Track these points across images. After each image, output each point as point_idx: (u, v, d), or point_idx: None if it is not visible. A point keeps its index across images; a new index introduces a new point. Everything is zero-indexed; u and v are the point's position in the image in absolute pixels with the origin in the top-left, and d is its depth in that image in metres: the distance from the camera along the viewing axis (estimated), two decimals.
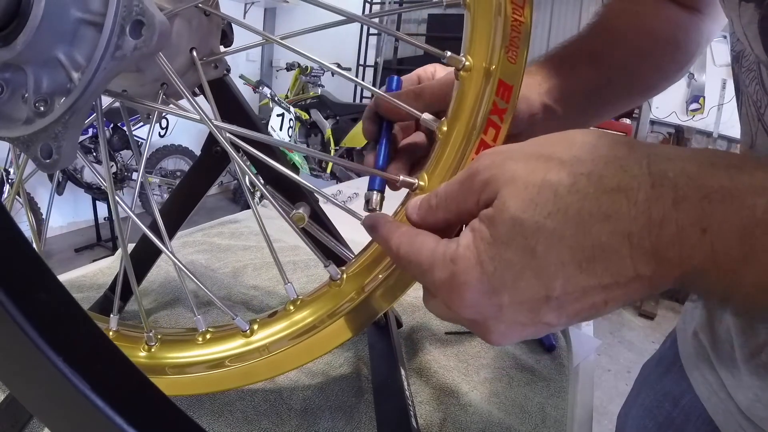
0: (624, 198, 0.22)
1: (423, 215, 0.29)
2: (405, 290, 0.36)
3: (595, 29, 0.49)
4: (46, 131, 0.27)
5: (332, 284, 0.39)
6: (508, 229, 0.23)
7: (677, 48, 0.50)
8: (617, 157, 0.23)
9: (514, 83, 0.33)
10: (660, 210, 0.21)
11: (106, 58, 0.26)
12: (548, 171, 0.23)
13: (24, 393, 0.17)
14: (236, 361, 0.40)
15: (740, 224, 0.20)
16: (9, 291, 0.14)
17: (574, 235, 0.22)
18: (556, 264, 0.23)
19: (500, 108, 0.33)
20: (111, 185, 0.36)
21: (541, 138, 0.26)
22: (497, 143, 0.33)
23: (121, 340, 0.43)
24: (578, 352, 0.64)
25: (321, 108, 3.79)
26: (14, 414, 0.42)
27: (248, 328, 0.41)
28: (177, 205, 0.51)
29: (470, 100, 0.34)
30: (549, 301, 0.23)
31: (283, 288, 0.41)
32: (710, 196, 0.20)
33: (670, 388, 0.52)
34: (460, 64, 0.34)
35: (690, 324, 0.51)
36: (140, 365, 0.40)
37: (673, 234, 0.21)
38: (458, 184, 0.27)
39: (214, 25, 0.39)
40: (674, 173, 0.21)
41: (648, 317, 2.93)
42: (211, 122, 0.34)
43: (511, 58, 0.33)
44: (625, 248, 0.22)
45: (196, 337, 0.42)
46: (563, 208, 0.22)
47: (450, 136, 0.35)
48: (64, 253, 3.12)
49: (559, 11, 3.79)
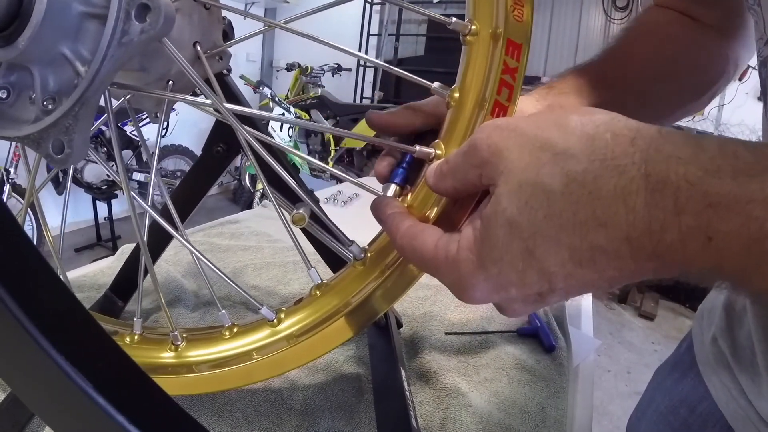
0: (621, 204, 0.21)
1: (436, 182, 0.30)
2: (404, 291, 0.37)
3: (612, 53, 0.48)
4: (57, 126, 0.27)
5: (356, 264, 0.39)
6: (506, 232, 0.24)
7: (698, 72, 0.48)
8: (614, 155, 0.22)
9: (522, 41, 0.33)
10: (660, 217, 0.20)
11: (113, 45, 0.26)
12: (542, 167, 0.23)
13: (26, 391, 0.17)
14: (262, 352, 0.40)
15: (748, 236, 0.19)
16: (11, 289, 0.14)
17: (570, 238, 0.22)
18: (556, 263, 0.23)
19: (511, 67, 0.33)
20: (125, 179, 0.36)
21: (541, 119, 0.25)
22: (511, 103, 0.33)
23: (146, 343, 0.43)
24: (578, 352, 0.64)
25: (321, 108, 3.79)
26: (15, 414, 0.42)
27: (275, 317, 0.41)
28: (178, 205, 0.51)
29: (480, 63, 0.34)
30: (554, 291, 0.25)
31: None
32: (716, 205, 0.19)
33: (686, 394, 0.52)
34: (466, 29, 0.34)
35: (708, 329, 0.50)
36: (167, 366, 0.40)
37: (676, 240, 0.20)
38: (462, 155, 0.28)
39: (215, 18, 0.39)
40: (676, 176, 0.20)
41: (648, 318, 2.93)
42: (224, 105, 0.34)
43: (518, 17, 0.32)
44: (625, 249, 0.22)
45: (223, 332, 0.42)
46: (557, 212, 0.22)
47: (463, 102, 0.35)
48: (64, 253, 3.09)
49: (558, 11, 3.79)
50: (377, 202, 0.33)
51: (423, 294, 0.71)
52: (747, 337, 0.43)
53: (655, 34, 0.49)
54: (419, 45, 4.44)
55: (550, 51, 3.83)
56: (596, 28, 3.71)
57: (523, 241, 0.23)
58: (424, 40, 4.42)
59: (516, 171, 0.24)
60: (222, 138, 0.47)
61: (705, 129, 3.35)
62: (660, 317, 2.95)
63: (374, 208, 0.33)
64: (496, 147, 0.25)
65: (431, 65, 3.98)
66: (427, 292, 0.72)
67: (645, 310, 2.95)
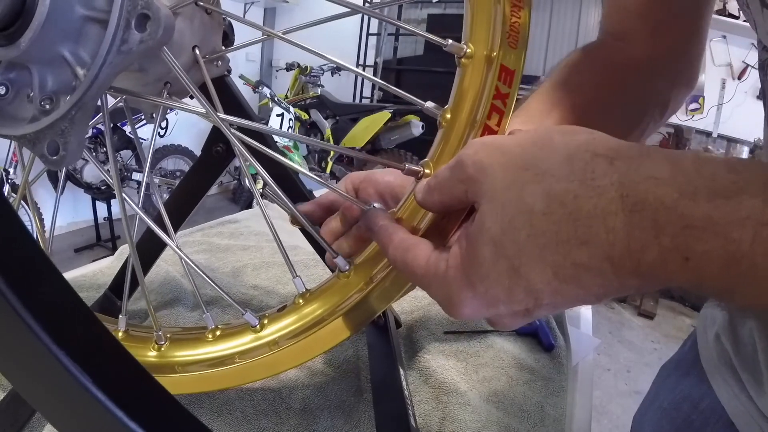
0: (601, 224, 0.21)
1: (424, 197, 0.31)
2: (401, 292, 0.37)
3: (561, 80, 0.49)
4: (53, 128, 0.27)
5: (341, 276, 0.39)
6: (491, 251, 0.24)
7: (626, 106, 0.48)
8: (594, 175, 0.22)
9: (515, 67, 0.33)
10: (640, 237, 0.21)
11: (112, 53, 0.26)
12: (524, 187, 0.24)
13: (26, 387, 0.17)
14: (245, 356, 0.40)
15: (725, 257, 0.19)
16: (12, 285, 0.14)
17: (553, 256, 0.23)
18: (542, 281, 0.23)
19: (503, 93, 0.33)
20: (118, 181, 0.36)
21: (525, 138, 0.26)
22: (500, 129, 0.33)
23: (130, 340, 0.43)
24: (577, 351, 0.64)
25: (320, 108, 3.79)
26: (15, 412, 0.42)
27: (258, 323, 0.41)
28: (177, 205, 0.51)
29: (473, 87, 0.34)
30: (541, 307, 0.25)
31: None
32: (692, 225, 0.20)
33: (689, 391, 0.52)
34: (461, 51, 0.34)
35: (711, 327, 0.51)
36: (149, 365, 0.41)
37: (656, 258, 0.21)
38: (449, 170, 0.28)
39: (216, 22, 0.40)
40: (654, 198, 0.21)
41: (647, 317, 2.93)
42: (217, 115, 0.34)
43: (512, 43, 0.33)
44: (607, 267, 0.22)
45: (206, 335, 0.42)
46: (539, 232, 0.23)
47: (454, 123, 0.35)
48: (63, 253, 3.11)
49: (558, 11, 3.79)
50: (369, 213, 0.34)
51: (422, 293, 0.71)
52: (749, 334, 0.43)
53: (598, 62, 0.51)
54: (419, 45, 4.44)
55: (549, 50, 3.83)
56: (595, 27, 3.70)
57: (507, 259, 0.24)
58: (423, 39, 4.42)
59: (499, 190, 0.24)
60: (221, 138, 0.47)
61: (704, 128, 3.36)
62: (660, 316, 2.95)
63: (366, 219, 0.34)
64: (481, 164, 0.26)
65: (430, 65, 3.97)
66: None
67: (645, 309, 2.96)
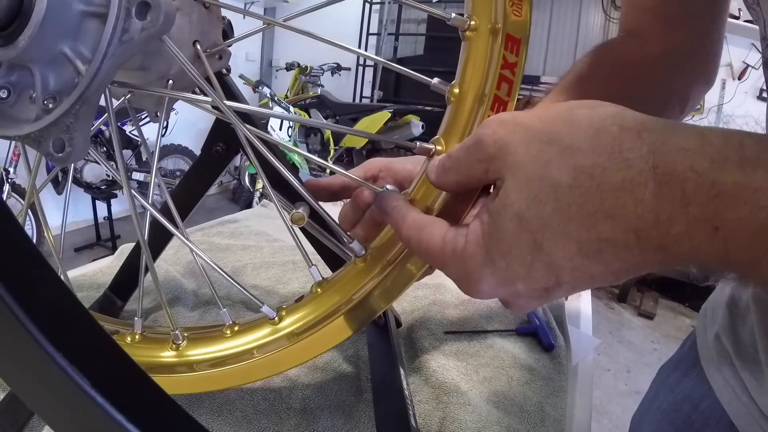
0: (629, 196, 0.21)
1: (438, 176, 0.30)
2: (402, 291, 0.37)
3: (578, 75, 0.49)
4: (57, 124, 0.27)
5: (357, 261, 0.39)
6: (514, 226, 0.24)
7: (645, 100, 0.49)
8: (621, 148, 0.22)
9: (521, 36, 0.33)
10: (668, 208, 0.21)
11: (114, 44, 0.26)
12: (549, 161, 0.23)
13: (25, 389, 0.17)
14: (263, 350, 0.40)
15: (755, 225, 0.19)
16: (9, 286, 0.14)
17: (578, 230, 0.22)
18: (564, 257, 0.23)
19: (510, 62, 0.33)
20: (126, 178, 0.36)
21: (546, 113, 0.26)
22: (510, 98, 0.33)
23: (147, 342, 0.43)
24: (577, 351, 0.64)
25: (320, 108, 3.79)
26: (14, 413, 0.42)
27: (276, 315, 0.41)
28: (177, 204, 0.50)
29: (479, 59, 0.34)
30: (560, 286, 0.25)
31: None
32: (722, 194, 0.20)
33: (689, 392, 0.52)
34: (465, 24, 0.34)
35: (711, 327, 0.51)
36: (169, 365, 0.40)
37: (683, 231, 0.20)
38: (465, 150, 0.27)
39: (215, 16, 0.39)
40: (683, 167, 0.20)
41: (647, 317, 2.93)
42: (224, 103, 0.34)
43: (516, 12, 0.33)
44: (632, 241, 0.22)
45: (224, 331, 0.42)
46: (565, 205, 0.23)
47: (463, 98, 0.35)
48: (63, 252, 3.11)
49: (558, 11, 3.79)
50: (381, 195, 0.33)
51: (422, 293, 0.71)
52: (750, 334, 0.43)
53: (614, 58, 0.50)
54: (419, 44, 4.44)
55: (549, 50, 3.83)
56: (595, 27, 3.71)
57: (531, 234, 0.23)
58: (423, 39, 4.42)
59: (523, 165, 0.24)
60: (221, 137, 0.47)
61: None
62: (659, 316, 2.95)
63: (378, 200, 0.34)
64: (503, 142, 0.25)
65: (430, 65, 3.98)
66: (426, 291, 0.72)
67: (644, 309, 2.96)
